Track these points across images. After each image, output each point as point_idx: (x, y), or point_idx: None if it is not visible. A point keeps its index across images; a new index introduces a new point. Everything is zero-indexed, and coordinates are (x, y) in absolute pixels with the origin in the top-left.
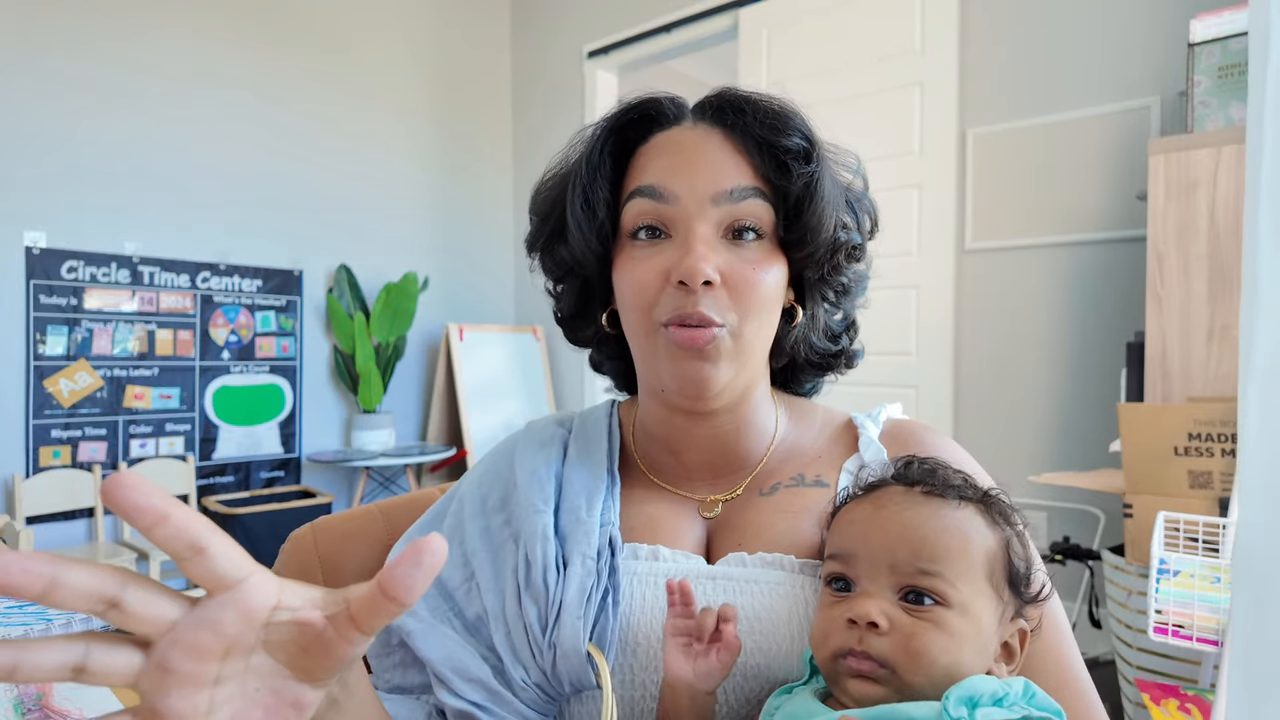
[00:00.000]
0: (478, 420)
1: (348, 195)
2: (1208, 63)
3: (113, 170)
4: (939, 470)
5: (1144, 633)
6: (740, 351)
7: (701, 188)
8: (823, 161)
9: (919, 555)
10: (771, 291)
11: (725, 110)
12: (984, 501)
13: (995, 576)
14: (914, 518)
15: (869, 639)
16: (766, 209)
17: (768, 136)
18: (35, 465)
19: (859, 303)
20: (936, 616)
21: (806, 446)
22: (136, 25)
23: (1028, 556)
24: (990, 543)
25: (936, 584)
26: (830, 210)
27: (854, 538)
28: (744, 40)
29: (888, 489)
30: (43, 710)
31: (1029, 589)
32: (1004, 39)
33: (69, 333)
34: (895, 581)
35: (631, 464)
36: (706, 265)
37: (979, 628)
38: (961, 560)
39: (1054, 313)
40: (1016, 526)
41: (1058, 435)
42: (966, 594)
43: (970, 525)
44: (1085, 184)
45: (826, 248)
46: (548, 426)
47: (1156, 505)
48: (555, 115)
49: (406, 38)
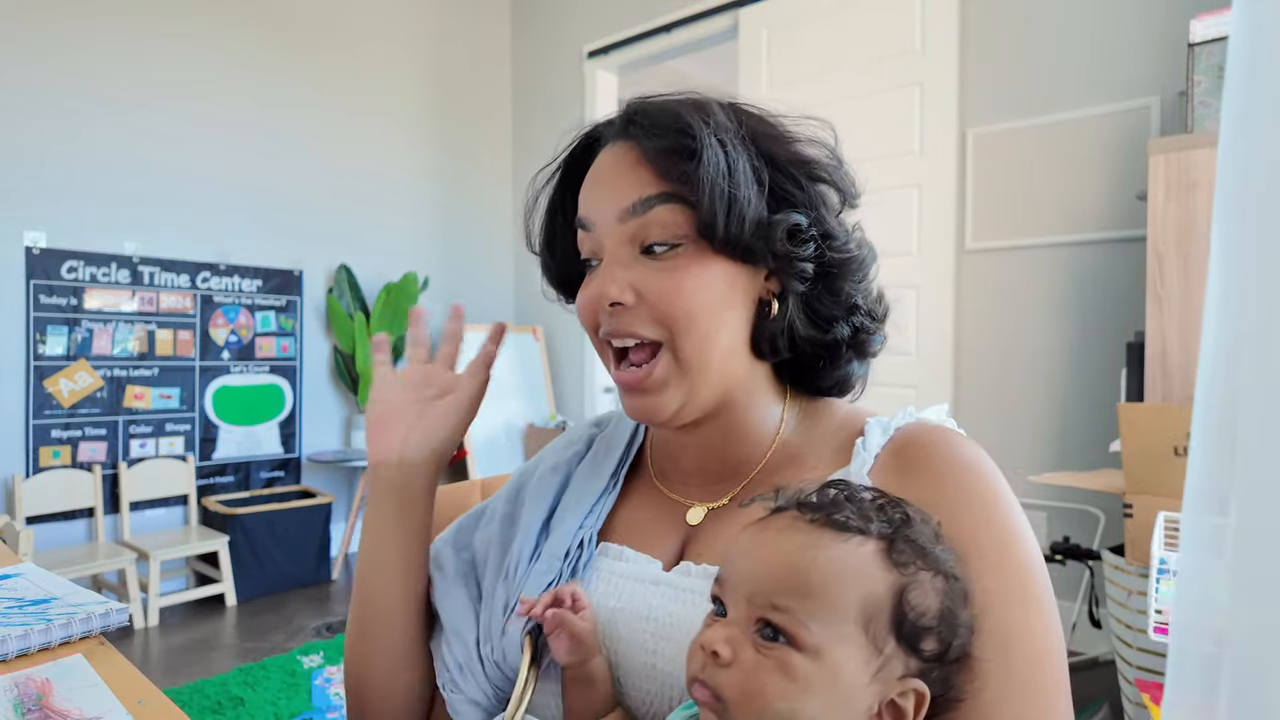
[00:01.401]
0: (478, 420)
1: (348, 195)
2: (1208, 63)
3: (113, 170)
4: (852, 501)
5: (1144, 633)
6: (685, 370)
7: (608, 209)
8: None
9: (775, 588)
10: (702, 298)
11: (629, 124)
12: (889, 539)
13: (874, 625)
14: (785, 547)
15: (710, 668)
16: (678, 211)
17: (653, 143)
18: (35, 465)
19: (859, 283)
20: (781, 656)
21: (810, 453)
22: (137, 27)
23: (942, 610)
24: (875, 587)
25: (787, 621)
26: (726, 197)
27: (729, 559)
28: (744, 40)
29: (784, 514)
30: (43, 710)
31: (931, 647)
32: (1004, 39)
33: (69, 333)
34: (752, 613)
35: (646, 467)
36: (613, 287)
37: (835, 679)
38: (823, 600)
39: (1054, 313)
40: (926, 572)
41: (1058, 435)
42: (822, 638)
43: (850, 564)
44: (1085, 184)
45: (751, 235)
46: (583, 427)
47: (1156, 505)
48: (555, 115)
49: (406, 38)
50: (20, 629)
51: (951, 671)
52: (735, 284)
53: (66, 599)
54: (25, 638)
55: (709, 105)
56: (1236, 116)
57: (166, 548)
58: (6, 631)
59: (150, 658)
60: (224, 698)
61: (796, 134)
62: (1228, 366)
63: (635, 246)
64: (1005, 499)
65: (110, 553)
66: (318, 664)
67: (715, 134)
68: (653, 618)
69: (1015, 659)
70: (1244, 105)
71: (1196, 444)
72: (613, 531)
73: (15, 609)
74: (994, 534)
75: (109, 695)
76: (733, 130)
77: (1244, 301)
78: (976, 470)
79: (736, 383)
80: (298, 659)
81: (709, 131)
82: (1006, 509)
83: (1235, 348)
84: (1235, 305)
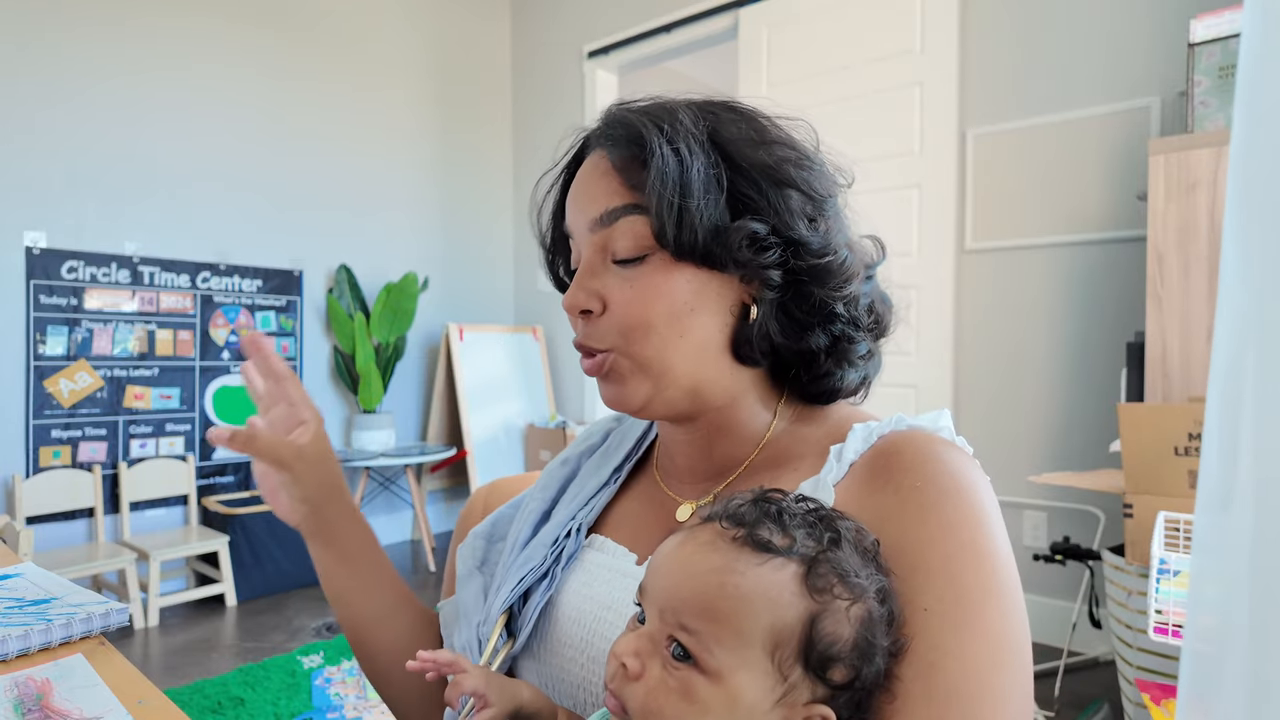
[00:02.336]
0: (478, 420)
1: (348, 195)
2: (1208, 63)
3: (113, 171)
4: (781, 516)
5: (1144, 633)
6: (645, 370)
7: (581, 219)
8: (654, 158)
9: (684, 608)
10: (664, 304)
11: (602, 134)
12: (810, 564)
13: (780, 652)
14: (700, 565)
15: (620, 679)
16: (644, 222)
17: (617, 153)
18: (35, 465)
19: (838, 292)
20: (684, 678)
21: (794, 456)
22: (137, 27)
23: (855, 639)
24: (786, 614)
25: (693, 643)
26: (673, 209)
27: (650, 570)
28: (744, 40)
29: (708, 525)
30: (43, 710)
31: (840, 677)
32: (1004, 39)
33: (69, 333)
34: (662, 629)
35: (650, 463)
36: (580, 295)
37: (735, 703)
38: (729, 625)
39: (1054, 313)
40: (844, 600)
41: (1058, 435)
42: (725, 663)
43: (763, 589)
44: (1085, 184)
45: (709, 242)
46: (605, 420)
47: (1157, 505)
48: (555, 115)
49: (407, 38)
50: (20, 629)
51: (864, 696)
52: (704, 290)
53: (66, 599)
54: (25, 638)
55: (675, 110)
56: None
57: (167, 548)
58: (6, 631)
59: (150, 658)
60: (224, 698)
61: (770, 136)
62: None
63: (605, 255)
64: (971, 518)
65: (110, 553)
66: (318, 664)
67: (670, 141)
68: (614, 607)
69: (938, 683)
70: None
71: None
72: (605, 524)
73: (15, 609)
74: (943, 554)
75: (109, 695)
76: (694, 135)
77: (1260, 301)
78: (946, 486)
79: (709, 383)
80: (298, 659)
81: (662, 139)
82: (969, 528)
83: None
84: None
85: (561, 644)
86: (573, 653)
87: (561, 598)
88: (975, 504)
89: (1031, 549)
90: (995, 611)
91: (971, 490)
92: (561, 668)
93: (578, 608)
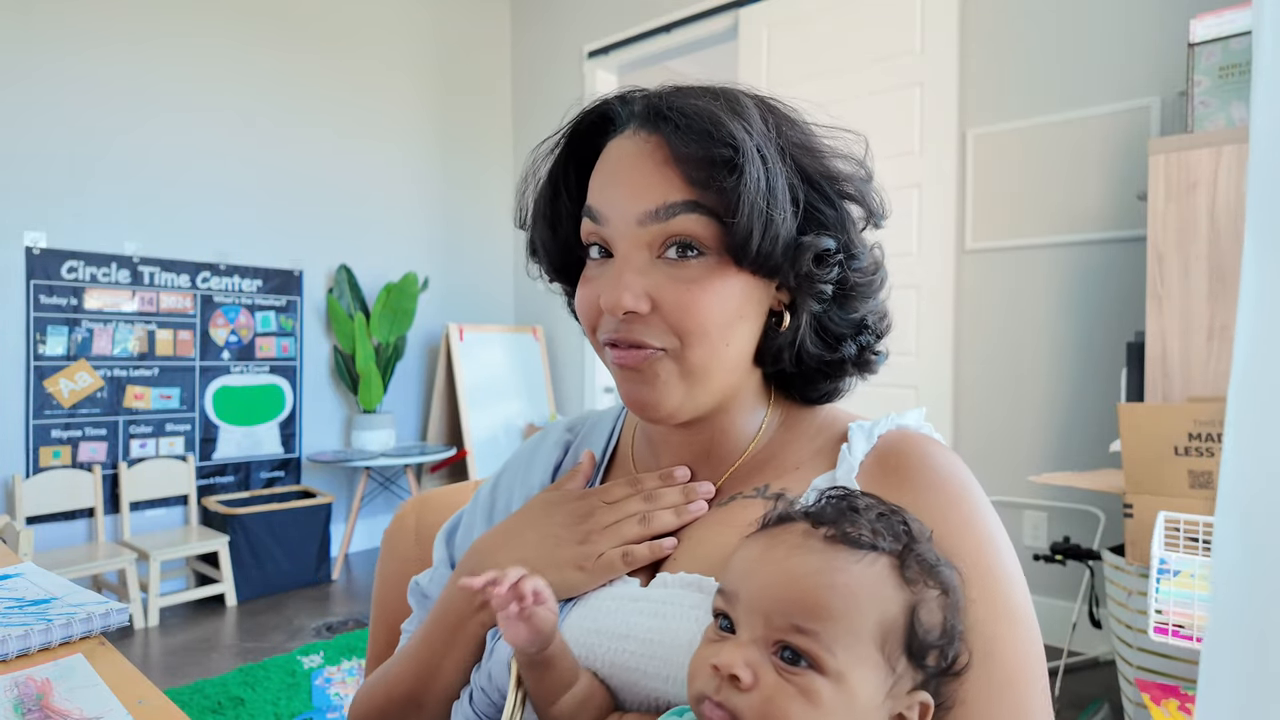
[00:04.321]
0: (478, 420)
1: (348, 195)
2: (1208, 63)
3: (113, 171)
4: (861, 512)
5: (1144, 633)
6: (689, 375)
7: (628, 209)
8: (751, 165)
9: (796, 611)
10: (718, 311)
11: (658, 118)
12: (901, 556)
13: (889, 644)
14: (801, 567)
15: (726, 691)
16: (703, 222)
17: (690, 151)
18: (35, 465)
19: (871, 303)
20: (806, 683)
21: (788, 455)
22: (137, 27)
23: (945, 624)
24: (890, 607)
25: (812, 646)
26: (764, 218)
27: (738, 576)
28: (744, 40)
29: (791, 526)
30: (43, 710)
31: (934, 662)
32: (1004, 39)
33: (69, 333)
34: (770, 635)
35: (626, 467)
36: (627, 296)
37: (853, 701)
38: (845, 624)
39: (1054, 313)
40: (933, 589)
41: (1058, 435)
42: (845, 662)
43: (867, 584)
44: (1085, 184)
45: (780, 254)
46: (556, 431)
47: (1157, 505)
48: (555, 115)
49: (407, 38)
50: (20, 629)
51: (944, 682)
52: (751, 297)
53: (66, 599)
54: (25, 638)
55: (748, 110)
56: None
57: (167, 548)
58: (6, 631)
59: (150, 658)
60: (224, 698)
61: (830, 146)
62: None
63: (652, 251)
64: (984, 510)
65: (110, 553)
66: (318, 664)
67: (757, 147)
68: (633, 636)
69: (996, 668)
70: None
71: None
72: None
73: (15, 609)
74: (976, 545)
75: (109, 695)
76: (771, 140)
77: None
78: (958, 480)
79: (733, 389)
80: (298, 659)
81: (752, 144)
82: (986, 520)
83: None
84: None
85: None
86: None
87: (568, 634)
88: (983, 500)
89: (1032, 549)
90: (1022, 596)
91: (976, 487)
92: None
93: (586, 644)
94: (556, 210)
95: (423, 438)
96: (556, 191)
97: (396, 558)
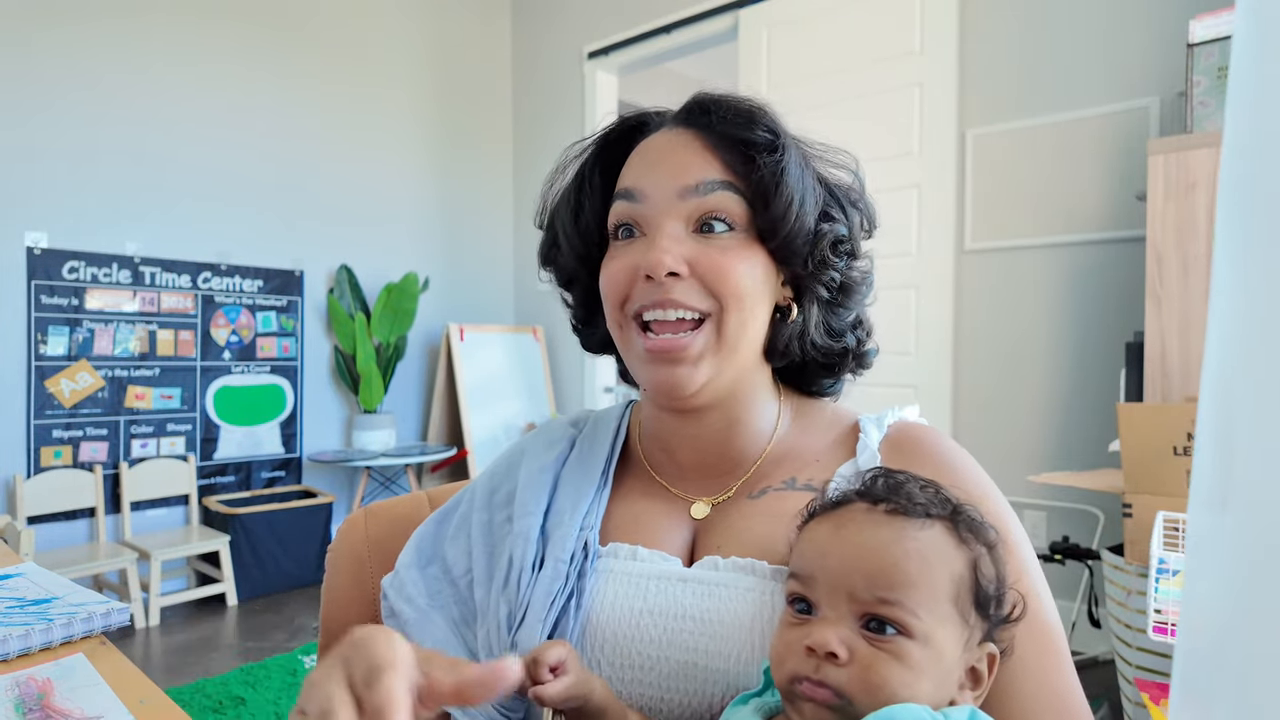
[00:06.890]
0: (478, 420)
1: (349, 196)
2: (1207, 63)
3: (114, 171)
4: (906, 485)
5: (1144, 632)
6: (722, 346)
7: (669, 184)
8: (789, 151)
9: (879, 583)
10: (749, 281)
11: (696, 112)
12: (952, 519)
13: (961, 600)
14: (874, 541)
15: (826, 669)
16: (737, 201)
17: (731, 131)
18: (36, 465)
19: (866, 301)
20: (898, 648)
21: (806, 448)
22: (138, 27)
23: (999, 575)
24: (956, 565)
25: (898, 613)
26: (799, 199)
27: (813, 559)
28: (744, 41)
29: (850, 507)
30: (44, 709)
31: (998, 611)
32: (1004, 39)
33: (70, 333)
34: (855, 609)
35: (636, 462)
36: (669, 256)
37: (941, 657)
38: (924, 587)
39: (1054, 313)
40: (987, 544)
41: (1058, 435)
42: (929, 623)
43: (934, 547)
44: (1085, 184)
45: (803, 238)
46: (560, 426)
47: (1156, 505)
48: (555, 116)
49: (407, 38)
50: (21, 629)
51: (1000, 631)
52: (767, 279)
53: (68, 599)
54: (26, 637)
55: (776, 114)
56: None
57: (167, 547)
58: (8, 631)
59: (151, 657)
60: (225, 697)
61: (830, 157)
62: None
63: (689, 224)
64: (993, 486)
65: (111, 552)
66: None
67: (789, 139)
68: (689, 615)
69: (1033, 620)
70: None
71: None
72: (613, 530)
73: (16, 609)
74: (994, 515)
75: (110, 695)
76: (796, 139)
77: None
78: (967, 460)
79: (745, 375)
80: (299, 659)
81: (788, 135)
82: (996, 495)
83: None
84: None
85: (611, 664)
86: (612, 669)
87: (595, 614)
88: (988, 477)
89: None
90: (1036, 559)
91: (980, 467)
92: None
93: (632, 624)
94: (580, 200)
95: (423, 437)
96: (582, 184)
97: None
